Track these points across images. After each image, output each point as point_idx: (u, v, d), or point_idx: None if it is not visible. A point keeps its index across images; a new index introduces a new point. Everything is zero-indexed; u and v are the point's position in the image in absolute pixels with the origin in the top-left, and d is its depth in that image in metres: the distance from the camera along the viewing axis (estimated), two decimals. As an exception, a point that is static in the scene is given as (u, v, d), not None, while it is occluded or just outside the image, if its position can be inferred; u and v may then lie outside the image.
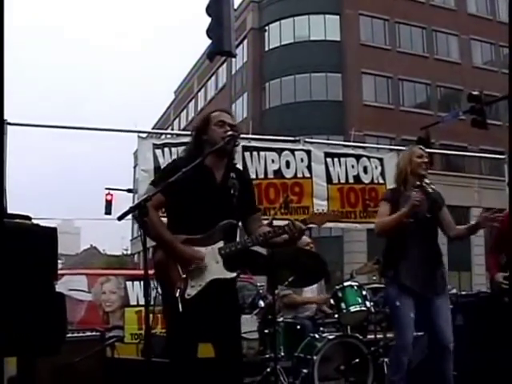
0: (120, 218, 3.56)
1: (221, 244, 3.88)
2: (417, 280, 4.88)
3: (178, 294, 3.73)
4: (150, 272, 3.59)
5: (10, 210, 4.58)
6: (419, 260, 4.92)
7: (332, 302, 6.07)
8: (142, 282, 7.36)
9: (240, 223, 4.16)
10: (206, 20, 8.62)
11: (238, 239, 4.01)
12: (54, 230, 3.86)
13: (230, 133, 3.97)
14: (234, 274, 3.90)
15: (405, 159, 5.17)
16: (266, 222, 4.51)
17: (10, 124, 6.71)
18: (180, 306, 3.70)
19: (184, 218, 3.93)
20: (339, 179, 7.95)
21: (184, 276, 3.78)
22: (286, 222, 4.01)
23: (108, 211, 29.23)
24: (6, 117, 6.37)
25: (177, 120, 56.18)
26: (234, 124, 4.10)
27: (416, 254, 4.92)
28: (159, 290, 3.88)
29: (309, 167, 7.82)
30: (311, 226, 4.18)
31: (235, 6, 11.11)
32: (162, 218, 4.01)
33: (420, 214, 4.92)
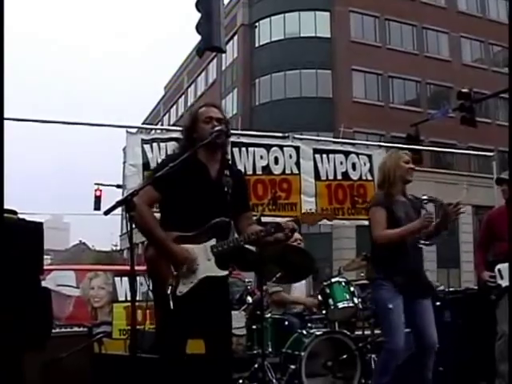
0: (106, 213, 3.55)
1: (213, 242, 3.88)
2: (411, 280, 4.87)
3: (169, 291, 3.74)
4: (137, 268, 3.59)
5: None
6: (411, 262, 4.94)
7: (320, 298, 6.07)
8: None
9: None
10: (196, 16, 8.61)
11: (231, 236, 4.00)
12: (40, 224, 3.85)
13: (217, 128, 3.96)
14: (226, 272, 3.92)
15: (392, 163, 5.13)
16: (254, 218, 4.50)
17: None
18: (171, 303, 3.70)
19: (177, 214, 3.92)
20: (327, 176, 7.96)
21: (175, 273, 3.78)
22: (277, 220, 4.03)
23: (97, 207, 29.17)
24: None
25: (166, 116, 56.06)
26: (222, 117, 4.10)
27: (408, 257, 4.93)
28: (150, 285, 3.90)
29: (297, 163, 7.83)
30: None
31: (225, 2, 11.10)
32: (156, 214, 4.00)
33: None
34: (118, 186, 28.44)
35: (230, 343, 4.18)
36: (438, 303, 6.30)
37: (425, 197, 5.24)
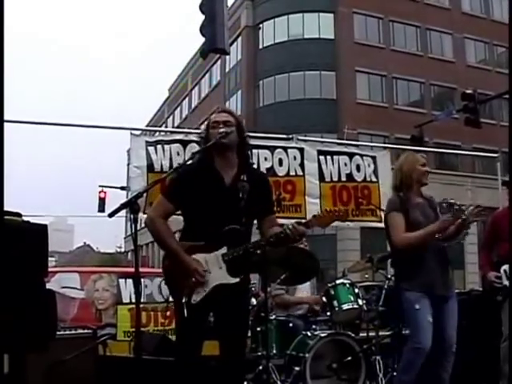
0: (111, 215, 3.59)
1: (224, 250, 3.96)
2: (435, 284, 4.87)
3: (184, 300, 3.90)
4: (142, 270, 3.62)
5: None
6: (436, 264, 4.92)
7: (324, 299, 6.07)
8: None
9: (256, 224, 4.24)
10: (200, 18, 8.61)
11: (250, 241, 4.04)
12: (45, 226, 3.85)
13: (221, 130, 4.01)
14: (238, 279, 3.95)
15: (409, 165, 5.11)
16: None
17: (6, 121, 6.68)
18: (185, 311, 3.87)
19: (192, 223, 4.07)
20: (332, 177, 7.94)
21: (189, 283, 3.91)
22: (281, 222, 4.06)
23: (101, 209, 29.20)
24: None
25: (171, 118, 56.10)
26: (230, 120, 4.15)
27: (432, 258, 4.92)
28: (152, 289, 4.05)
29: (301, 165, 7.81)
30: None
31: (229, 4, 11.11)
32: None
33: (427, 224, 4.93)
34: (122, 188, 28.50)
35: (244, 347, 4.23)
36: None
37: (444, 201, 5.20)
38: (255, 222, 4.23)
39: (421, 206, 5.05)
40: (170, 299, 4.12)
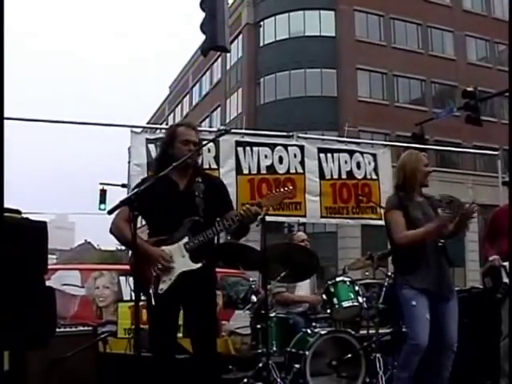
0: (110, 212, 3.66)
1: (185, 239, 4.23)
2: (434, 282, 4.85)
3: (151, 290, 4.13)
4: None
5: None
6: (435, 263, 4.89)
7: (324, 297, 6.07)
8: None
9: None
10: (201, 15, 8.59)
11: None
12: (44, 223, 3.86)
13: (191, 152, 4.34)
14: (200, 265, 4.17)
15: (413, 165, 5.08)
16: (259, 217, 4.54)
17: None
18: (153, 300, 4.11)
19: (155, 224, 4.39)
20: (332, 175, 7.94)
21: (155, 274, 4.15)
22: (281, 220, 4.17)
23: (103, 201, 29.29)
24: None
25: (171, 115, 56.05)
26: (197, 141, 4.50)
27: (432, 256, 4.89)
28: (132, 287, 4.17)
29: (302, 163, 7.81)
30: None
31: (230, 1, 11.09)
32: None
33: (427, 222, 4.90)
34: (123, 186, 28.47)
35: (215, 341, 4.40)
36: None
37: (443, 198, 5.20)
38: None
39: (421, 204, 5.05)
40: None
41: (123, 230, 4.13)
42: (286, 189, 4.53)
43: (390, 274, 5.97)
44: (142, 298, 4.11)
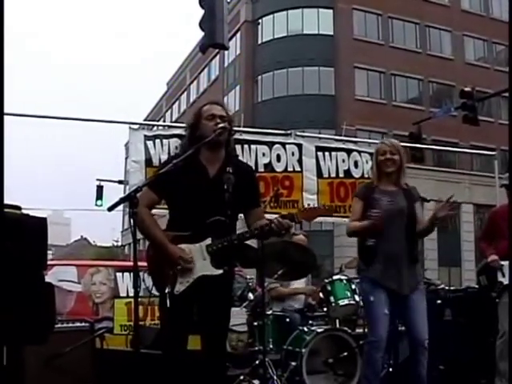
0: (110, 209, 3.59)
1: (208, 241, 3.93)
2: (390, 278, 4.78)
3: (167, 290, 3.89)
4: (140, 263, 3.62)
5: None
6: (392, 257, 4.80)
7: (321, 295, 6.09)
8: (131, 274, 7.37)
9: (242, 216, 4.20)
10: (200, 13, 8.60)
11: (231, 235, 3.99)
12: (44, 219, 3.86)
13: (220, 125, 3.98)
14: (221, 271, 3.93)
15: (375, 157, 5.11)
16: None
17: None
18: (168, 301, 3.88)
19: (176, 213, 4.06)
20: (329, 173, 7.95)
21: (172, 273, 3.89)
22: (275, 217, 4.02)
23: (99, 196, 29.17)
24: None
25: (169, 112, 56.03)
26: (225, 115, 4.11)
27: (389, 251, 4.81)
28: (149, 283, 3.98)
29: (299, 161, 7.81)
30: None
31: (229, -1, 11.09)
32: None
33: (393, 212, 4.86)
34: (120, 182, 28.46)
35: (224, 341, 4.24)
36: (438, 302, 6.33)
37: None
38: (241, 215, 4.21)
39: (391, 193, 4.97)
40: (154, 292, 4.08)
41: (144, 219, 3.88)
42: (324, 205, 4.41)
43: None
44: (141, 294, 4.04)
